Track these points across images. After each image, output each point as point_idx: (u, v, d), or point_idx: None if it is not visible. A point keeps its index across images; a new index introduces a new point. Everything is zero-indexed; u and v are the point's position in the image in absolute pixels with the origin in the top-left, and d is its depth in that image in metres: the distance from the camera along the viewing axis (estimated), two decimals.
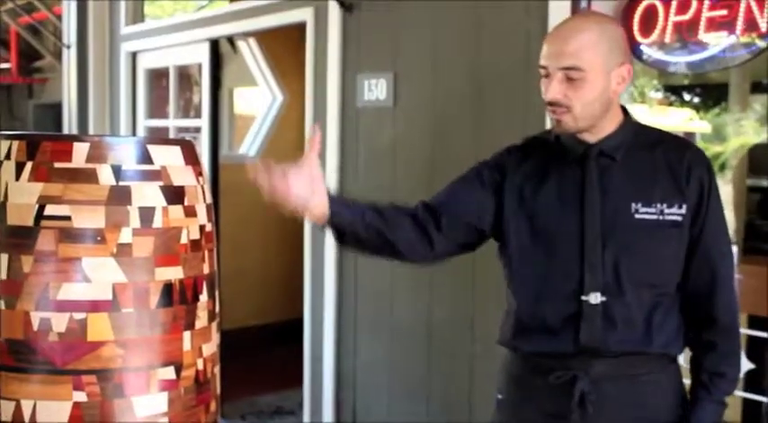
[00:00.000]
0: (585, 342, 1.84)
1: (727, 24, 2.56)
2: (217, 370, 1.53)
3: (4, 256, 1.34)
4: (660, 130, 1.98)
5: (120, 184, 1.35)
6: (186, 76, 5.81)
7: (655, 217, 1.83)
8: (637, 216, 1.83)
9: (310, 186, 1.78)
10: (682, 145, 1.95)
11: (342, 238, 1.91)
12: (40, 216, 1.33)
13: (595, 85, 1.80)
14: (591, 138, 1.87)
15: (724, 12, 2.56)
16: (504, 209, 1.94)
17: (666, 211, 1.84)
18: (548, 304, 1.88)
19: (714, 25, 2.58)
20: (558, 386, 1.87)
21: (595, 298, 1.83)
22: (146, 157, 1.38)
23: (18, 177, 1.35)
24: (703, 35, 2.61)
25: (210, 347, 1.49)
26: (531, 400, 1.94)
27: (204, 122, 4.98)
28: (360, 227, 1.87)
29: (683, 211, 1.84)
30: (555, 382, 1.87)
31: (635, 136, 1.90)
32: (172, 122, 5.35)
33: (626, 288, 1.83)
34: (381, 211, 1.91)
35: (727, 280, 1.91)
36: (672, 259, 1.87)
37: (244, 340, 5.59)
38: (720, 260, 1.89)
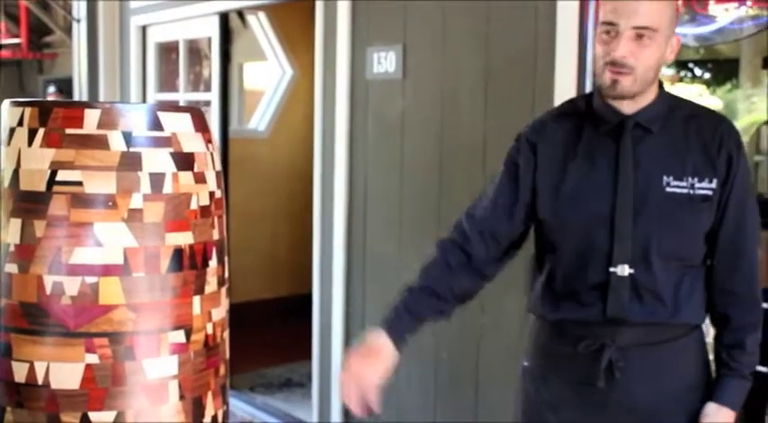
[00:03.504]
0: (612, 313, 1.85)
1: None
2: (226, 335, 1.55)
3: (18, 221, 1.36)
4: (693, 103, 1.96)
5: (131, 150, 1.37)
6: (196, 50, 5.80)
7: (686, 191, 1.83)
8: (668, 189, 1.83)
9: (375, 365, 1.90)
10: (715, 119, 1.92)
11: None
12: (52, 181, 1.35)
13: (659, 49, 1.78)
14: (627, 108, 1.85)
15: None
16: (539, 182, 1.93)
17: (697, 185, 1.83)
18: (577, 274, 1.89)
19: None
20: (586, 354, 1.88)
21: (623, 270, 1.83)
22: (156, 124, 1.40)
23: (30, 143, 1.37)
24: (713, 7, 2.59)
25: (220, 312, 1.51)
26: (558, 367, 1.96)
27: (214, 96, 4.99)
28: (426, 322, 2.00)
29: (714, 185, 1.84)
30: (583, 351, 1.89)
31: (670, 107, 1.89)
32: (182, 96, 5.36)
33: (654, 261, 1.83)
34: (433, 295, 1.97)
35: (749, 254, 1.91)
36: (700, 233, 1.87)
37: (254, 313, 5.64)
38: (744, 234, 1.89)
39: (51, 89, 7.82)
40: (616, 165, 1.85)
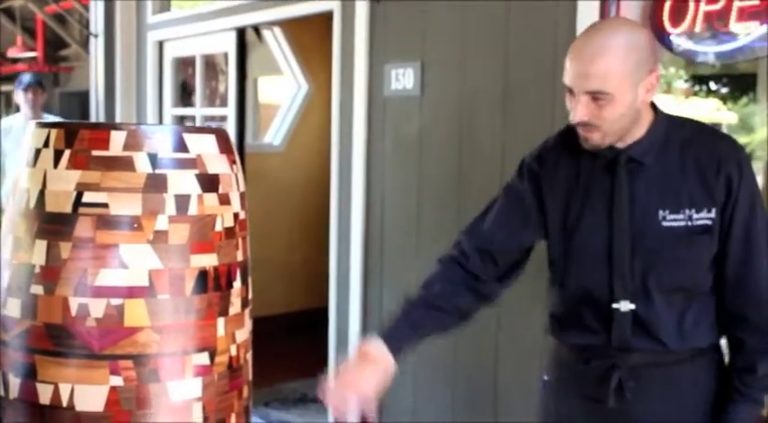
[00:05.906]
0: (616, 344, 1.86)
1: (758, 14, 2.54)
2: (249, 356, 1.55)
3: (43, 243, 1.36)
4: (693, 123, 1.91)
5: (157, 171, 1.37)
6: (212, 65, 5.83)
7: (683, 223, 1.79)
8: (665, 223, 1.80)
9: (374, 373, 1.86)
10: (714, 139, 1.87)
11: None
12: (77, 203, 1.35)
13: (623, 103, 1.74)
14: (620, 143, 1.83)
15: (756, 1, 2.53)
16: (548, 213, 1.94)
17: (695, 216, 1.79)
18: (582, 308, 1.90)
19: (745, 15, 2.56)
20: (598, 373, 1.89)
21: (625, 305, 1.83)
22: (181, 146, 1.40)
23: (56, 165, 1.37)
24: (734, 25, 2.58)
25: (243, 334, 1.51)
26: (573, 383, 1.97)
27: (230, 111, 5.00)
28: (426, 337, 1.95)
29: (713, 214, 1.79)
30: (594, 370, 1.90)
31: (666, 134, 1.84)
32: (198, 111, 5.37)
33: (654, 296, 1.82)
34: (434, 308, 1.95)
35: (759, 278, 1.85)
36: (703, 263, 1.84)
37: (269, 328, 5.61)
38: (752, 259, 1.84)
39: (26, 79, 5.84)
40: (611, 200, 1.83)
